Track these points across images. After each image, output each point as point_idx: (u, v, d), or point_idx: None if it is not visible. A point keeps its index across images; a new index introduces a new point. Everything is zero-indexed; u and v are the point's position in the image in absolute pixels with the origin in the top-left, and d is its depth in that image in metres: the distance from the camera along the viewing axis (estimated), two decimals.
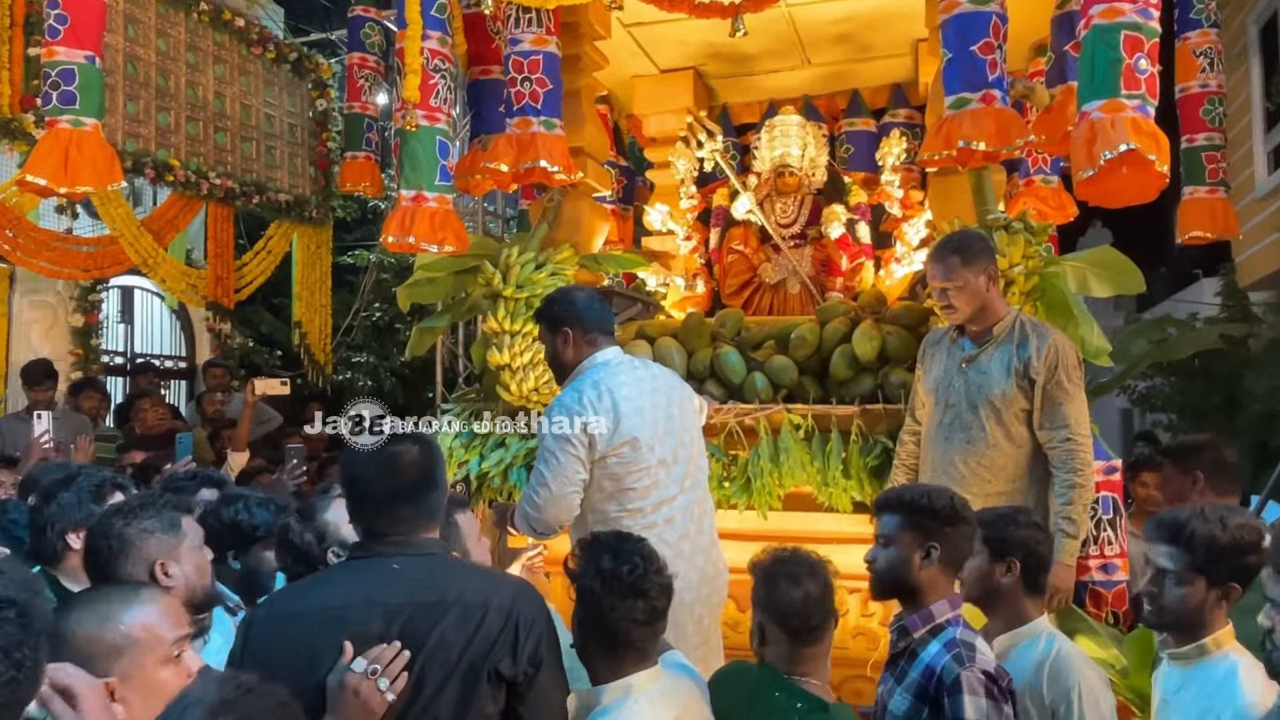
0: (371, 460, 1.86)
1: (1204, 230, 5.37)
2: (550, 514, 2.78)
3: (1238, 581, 1.97)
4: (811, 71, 5.65)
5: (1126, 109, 3.16)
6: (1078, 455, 2.93)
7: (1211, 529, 1.97)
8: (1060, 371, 2.96)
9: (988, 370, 3.03)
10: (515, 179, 4.28)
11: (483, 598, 1.76)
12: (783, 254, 5.13)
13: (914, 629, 2.14)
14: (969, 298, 3.03)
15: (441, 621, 1.71)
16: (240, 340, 8.46)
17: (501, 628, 1.73)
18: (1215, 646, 1.98)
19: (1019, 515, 2.43)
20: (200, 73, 6.87)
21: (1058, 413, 2.96)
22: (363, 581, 1.78)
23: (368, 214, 10.15)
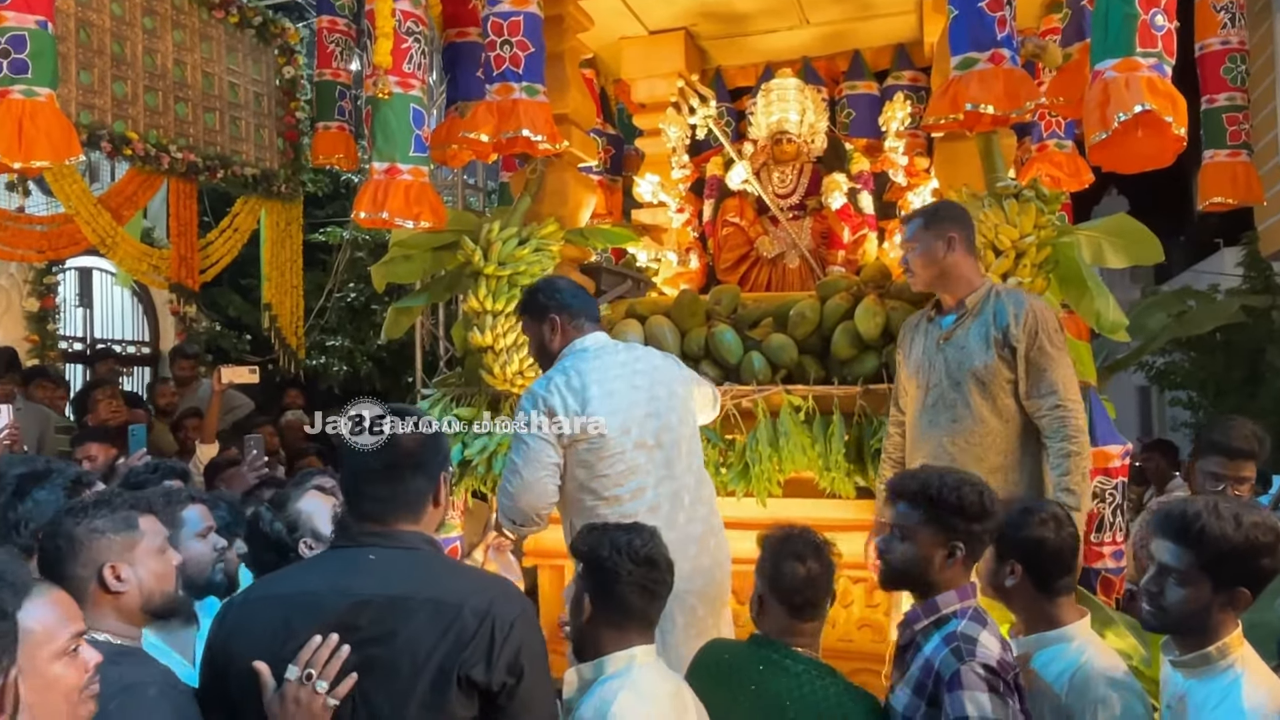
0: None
1: (1226, 196, 5.36)
2: (525, 501, 2.81)
3: (1247, 586, 1.93)
4: (810, 31, 5.60)
5: (1142, 68, 3.14)
6: (1070, 421, 2.93)
7: (1224, 527, 1.91)
8: (1041, 336, 2.96)
9: (965, 344, 3.05)
10: (496, 149, 4.23)
11: (458, 597, 1.74)
12: (781, 226, 5.11)
13: (916, 621, 2.17)
14: (925, 262, 3.11)
15: (411, 617, 1.71)
16: (206, 324, 8.43)
17: (476, 630, 1.70)
18: (1220, 656, 1.95)
19: (1027, 514, 2.35)
20: (158, 39, 6.79)
21: (1043, 379, 2.96)
22: (337, 570, 1.80)
23: (340, 188, 10.09)
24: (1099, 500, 3.40)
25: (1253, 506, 2.03)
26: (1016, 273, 3.45)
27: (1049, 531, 2.31)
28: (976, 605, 2.17)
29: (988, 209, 3.49)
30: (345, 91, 5.73)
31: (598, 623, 2.15)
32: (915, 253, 3.13)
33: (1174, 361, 10.02)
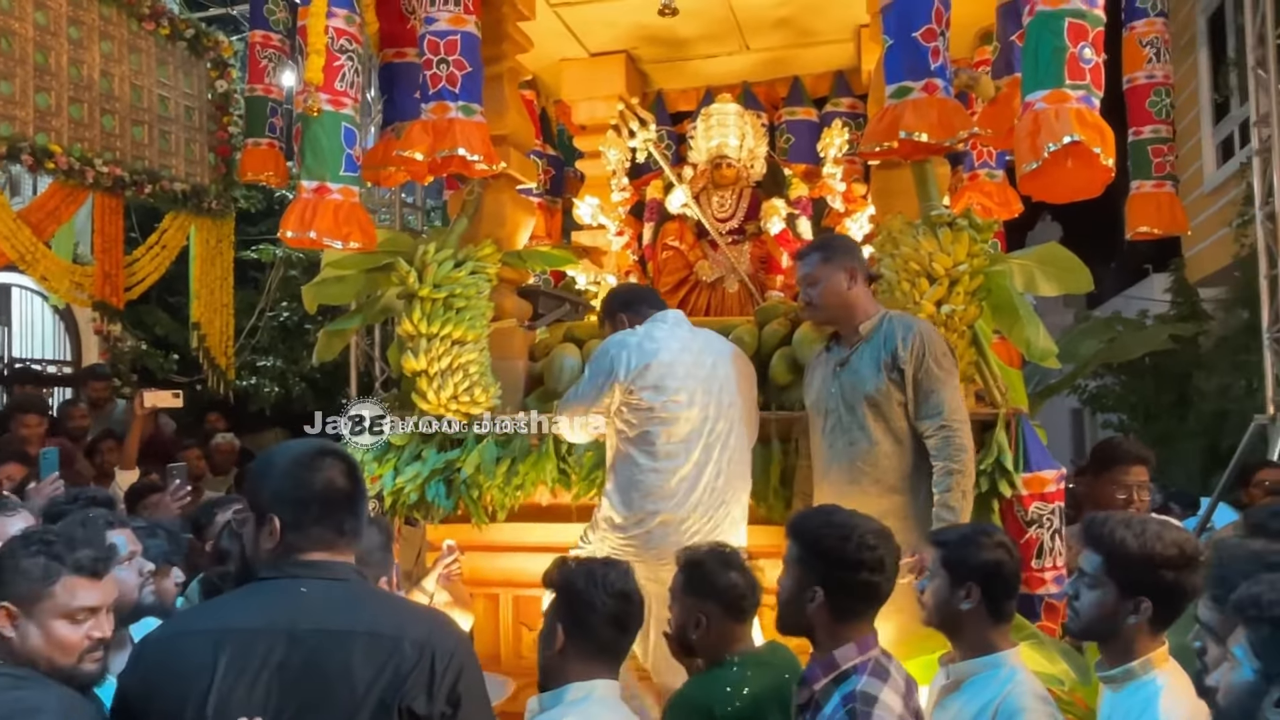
0: (298, 471, 1.83)
1: (1151, 225, 5.51)
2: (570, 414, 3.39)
3: (1150, 596, 2.00)
4: (750, 57, 5.67)
5: (1071, 99, 3.22)
6: (954, 441, 3.00)
7: (1124, 535, 2.02)
8: (929, 359, 3.04)
9: (859, 369, 3.12)
10: (431, 169, 4.19)
11: (396, 629, 1.73)
12: (720, 250, 5.14)
13: (814, 680, 2.14)
14: (827, 295, 3.17)
15: (350, 652, 1.68)
16: (132, 343, 8.20)
17: (416, 661, 1.69)
18: (1143, 670, 2.00)
19: (982, 535, 2.37)
20: (84, 50, 6.63)
21: (929, 400, 3.03)
22: (268, 604, 1.75)
23: (274, 205, 9.92)
24: (1036, 525, 3.45)
25: (1168, 524, 2.11)
26: (950, 300, 3.50)
27: (1004, 554, 2.34)
28: (878, 657, 2.15)
29: (922, 236, 3.54)
30: (277, 108, 5.64)
31: (568, 654, 2.15)
32: (818, 287, 3.17)
33: (1106, 385, 10.27)
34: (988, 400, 3.69)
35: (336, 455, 1.87)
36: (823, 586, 2.16)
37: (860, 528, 2.20)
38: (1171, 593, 1.98)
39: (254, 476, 1.90)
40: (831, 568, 2.16)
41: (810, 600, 2.16)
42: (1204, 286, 9.58)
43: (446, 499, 3.86)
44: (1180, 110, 9.10)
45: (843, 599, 2.17)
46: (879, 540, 2.20)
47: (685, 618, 2.46)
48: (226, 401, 7.79)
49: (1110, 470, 3.72)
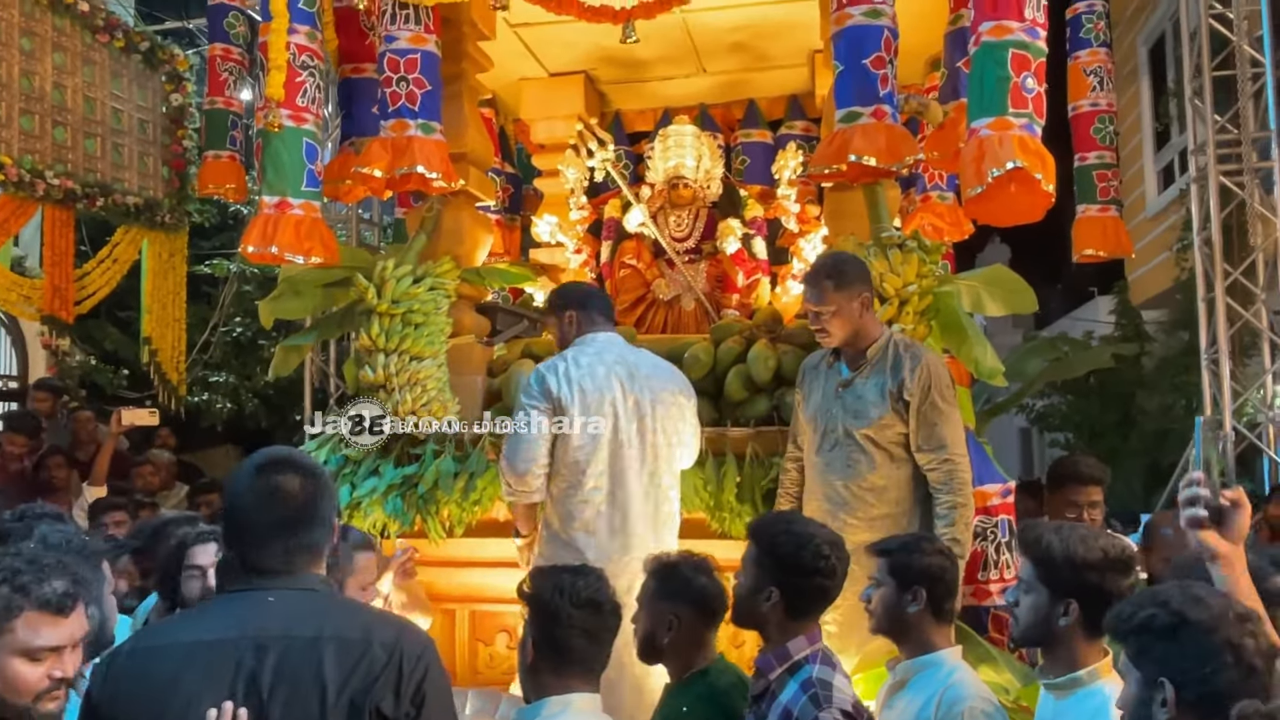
0: (252, 488, 1.83)
1: (1097, 248, 5.70)
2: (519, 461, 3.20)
3: (1076, 598, 2.09)
4: (707, 80, 5.78)
5: (1014, 127, 3.35)
6: (956, 475, 3.08)
7: (1051, 539, 2.13)
8: (934, 392, 3.09)
9: (863, 394, 3.16)
10: (390, 185, 4.23)
11: (364, 633, 1.76)
12: (677, 269, 5.22)
13: (768, 669, 2.27)
14: (842, 322, 3.14)
15: (319, 657, 1.71)
16: (81, 358, 8.09)
17: (385, 664, 1.73)
18: (1090, 679, 2.08)
19: (923, 542, 2.52)
20: (37, 61, 6.57)
21: (934, 433, 3.09)
22: (236, 615, 1.77)
23: (228, 219, 9.86)
24: (981, 539, 3.55)
25: (1096, 532, 2.23)
26: (900, 320, 3.60)
27: (946, 559, 2.51)
28: (825, 648, 2.31)
29: (873, 258, 3.64)
30: (237, 121, 5.64)
31: (539, 668, 2.17)
32: (831, 315, 3.13)
33: (1052, 404, 10.51)
34: None
35: (291, 465, 1.86)
36: (778, 588, 2.30)
37: (816, 536, 2.34)
38: (1098, 595, 2.06)
39: (225, 491, 1.92)
40: (787, 572, 2.30)
41: (766, 599, 2.31)
42: (1147, 309, 9.86)
43: (404, 514, 3.87)
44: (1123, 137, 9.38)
45: (796, 600, 2.31)
46: (832, 549, 2.34)
47: (656, 622, 2.51)
48: (178, 417, 7.70)
49: (1064, 488, 3.83)
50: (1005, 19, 3.38)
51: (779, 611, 2.30)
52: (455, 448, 3.94)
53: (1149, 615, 1.60)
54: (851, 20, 3.64)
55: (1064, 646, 2.12)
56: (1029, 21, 3.40)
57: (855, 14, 3.63)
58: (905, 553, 2.46)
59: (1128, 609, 1.66)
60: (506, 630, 3.96)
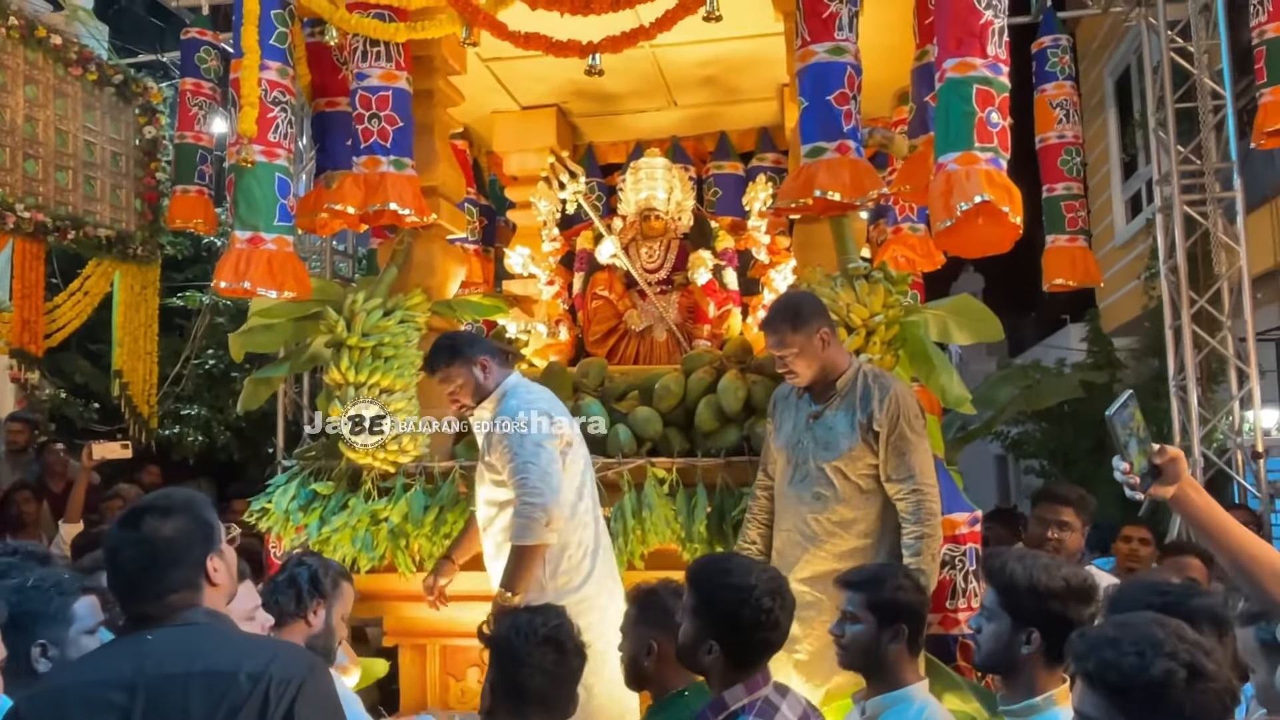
0: (118, 539, 1.85)
1: (1066, 278, 5.80)
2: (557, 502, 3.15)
3: (1038, 627, 2.12)
4: (678, 113, 5.85)
5: (980, 161, 3.42)
6: (924, 505, 3.10)
7: (1016, 567, 2.15)
8: (903, 422, 3.11)
9: (833, 426, 3.17)
10: (363, 220, 4.27)
11: (233, 665, 1.75)
12: (649, 300, 5.26)
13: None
14: (807, 361, 3.15)
15: (187, 693, 1.72)
16: (50, 391, 8.02)
17: (249, 693, 1.71)
18: (1045, 706, 2.11)
19: (898, 575, 2.49)
20: (8, 94, 6.56)
21: (903, 463, 3.11)
22: (113, 657, 1.82)
23: (201, 251, 9.84)
24: (949, 567, 3.57)
25: (1061, 562, 2.25)
26: (867, 349, 3.64)
27: (921, 593, 2.53)
28: (767, 695, 2.23)
29: (840, 289, 3.69)
30: (207, 155, 5.65)
31: (496, 711, 2.14)
32: (795, 356, 3.15)
33: (1027, 432, 10.58)
34: None
35: (156, 509, 1.87)
36: (718, 641, 2.23)
37: (757, 589, 2.24)
38: (1059, 624, 2.08)
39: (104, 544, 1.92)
40: (725, 630, 2.24)
41: (707, 652, 2.25)
42: (1118, 336, 9.97)
43: (373, 548, 3.86)
44: (1092, 167, 9.55)
45: (738, 652, 2.24)
46: (774, 600, 2.25)
47: (638, 647, 2.50)
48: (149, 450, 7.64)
49: (1038, 505, 3.90)
50: (968, 55, 3.45)
51: (720, 664, 2.24)
52: (425, 481, 3.95)
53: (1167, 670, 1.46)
54: (815, 58, 3.71)
55: (1024, 674, 2.14)
56: (991, 58, 3.47)
57: (819, 51, 3.71)
58: (883, 588, 2.43)
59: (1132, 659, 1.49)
60: (478, 665, 3.94)
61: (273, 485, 4.11)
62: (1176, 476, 1.88)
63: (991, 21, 3.46)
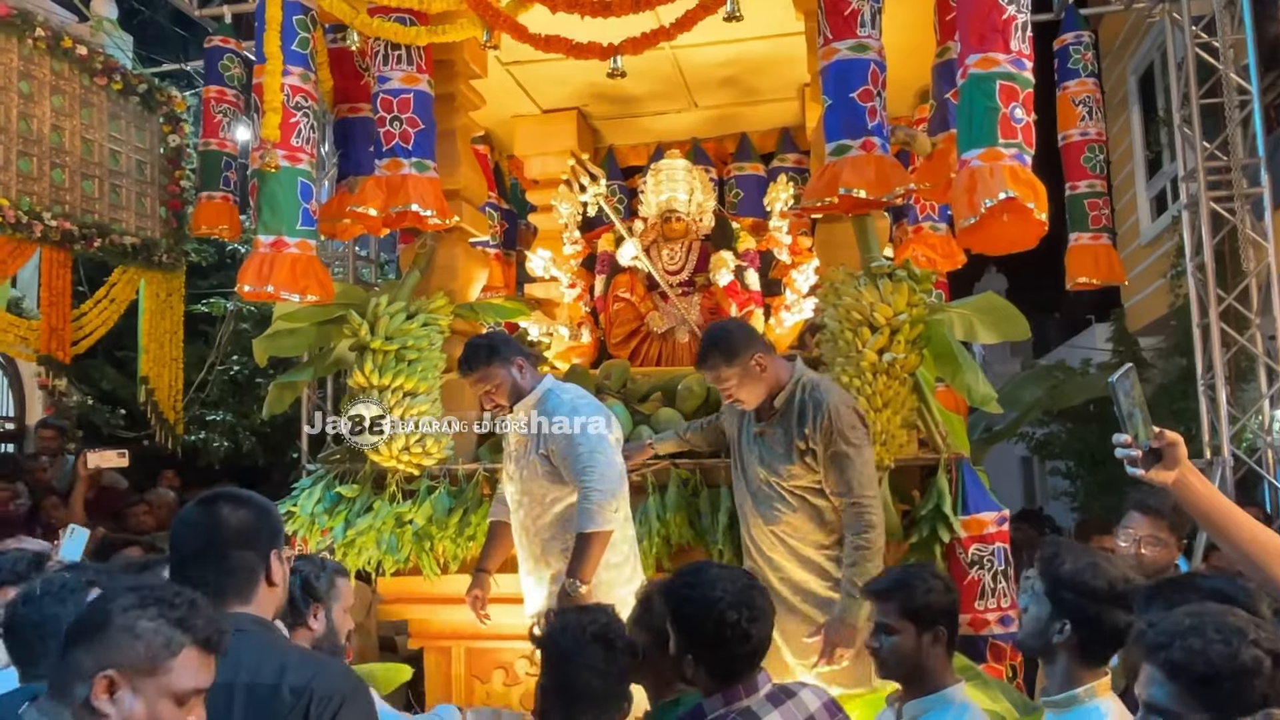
0: (188, 520, 1.86)
1: (1090, 276, 5.74)
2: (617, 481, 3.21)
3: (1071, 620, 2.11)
4: (699, 114, 5.84)
5: (1004, 157, 3.39)
6: (863, 517, 3.11)
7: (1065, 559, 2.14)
8: (838, 437, 3.14)
9: (774, 447, 3.25)
10: (385, 223, 4.28)
11: (275, 677, 1.75)
12: (670, 302, 5.25)
13: None
14: (750, 388, 3.22)
15: (230, 704, 1.71)
16: (78, 398, 8.09)
17: (292, 706, 1.71)
18: (1087, 697, 2.09)
19: (926, 578, 2.44)
20: (35, 104, 6.63)
21: (842, 479, 3.14)
22: None
23: (225, 258, 9.90)
24: (978, 567, 3.55)
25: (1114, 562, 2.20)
26: (892, 348, 3.61)
27: (952, 592, 2.47)
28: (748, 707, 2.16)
29: (864, 287, 3.67)
30: (231, 162, 5.69)
31: (549, 714, 2.13)
32: (737, 386, 3.21)
33: (1052, 433, 10.49)
34: (930, 445, 3.81)
35: (233, 497, 1.87)
36: (692, 654, 2.19)
37: (721, 601, 2.17)
38: (1094, 624, 2.07)
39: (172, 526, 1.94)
40: (697, 643, 2.19)
41: (689, 665, 2.20)
42: (1143, 335, 9.87)
43: (398, 550, 3.87)
44: (1116, 165, 9.47)
45: (715, 664, 2.19)
46: (739, 612, 2.17)
47: None
48: (174, 456, 7.70)
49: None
50: (991, 51, 3.42)
51: (702, 675, 2.19)
52: (449, 483, 3.95)
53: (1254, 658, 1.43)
54: (838, 55, 3.69)
55: (1059, 662, 2.13)
56: (1015, 53, 3.44)
57: (841, 48, 3.69)
58: (912, 593, 2.38)
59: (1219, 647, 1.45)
60: (503, 667, 3.94)
61: (298, 488, 4.12)
62: (1176, 461, 1.86)
63: (1015, 17, 3.44)
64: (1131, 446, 1.88)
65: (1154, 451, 1.87)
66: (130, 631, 1.49)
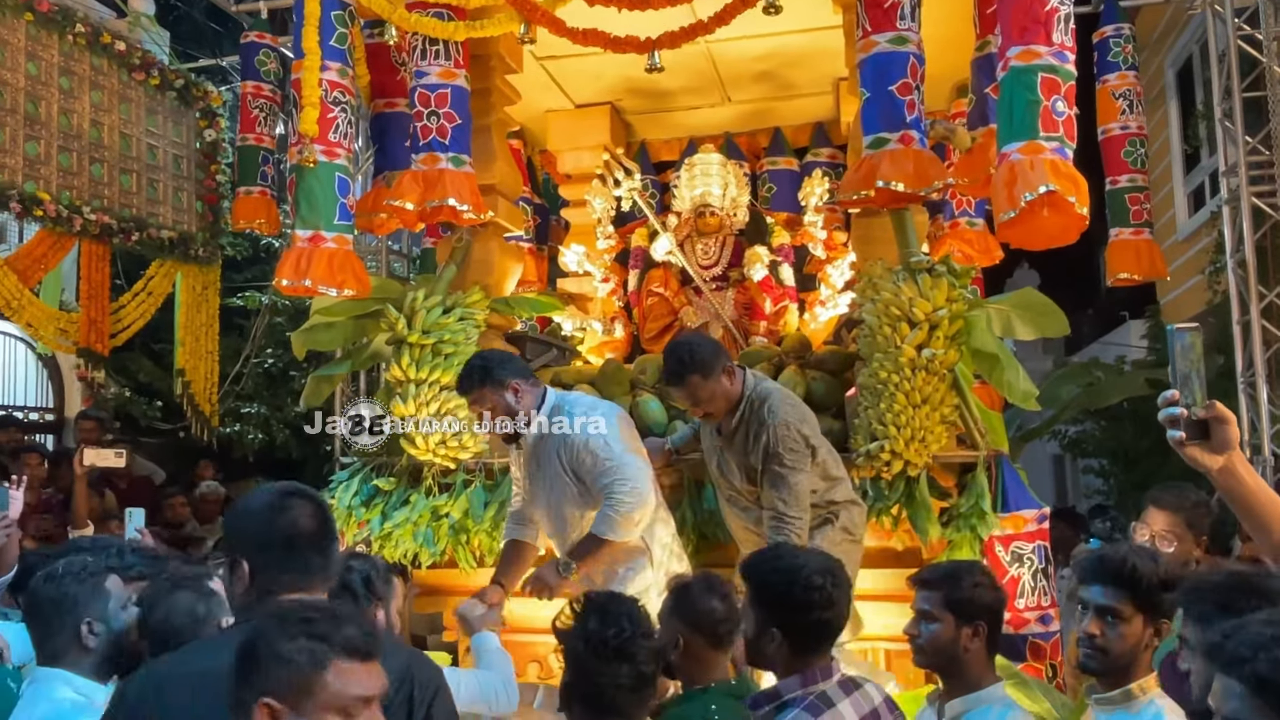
0: (265, 513, 1.86)
1: (1131, 271, 5.67)
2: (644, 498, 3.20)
3: (1167, 618, 2.09)
4: (732, 109, 5.81)
5: (1045, 151, 3.34)
6: (782, 531, 3.13)
7: (1149, 564, 2.09)
8: (774, 462, 3.17)
9: (732, 461, 3.33)
10: (422, 218, 4.29)
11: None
12: (704, 297, 5.23)
13: (757, 708, 2.20)
14: (721, 401, 3.25)
15: None
16: (115, 390, 8.19)
17: (398, 688, 1.76)
18: (1140, 692, 2.07)
19: (975, 572, 2.43)
20: (75, 99, 6.71)
21: (773, 494, 3.17)
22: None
23: (260, 252, 9.99)
24: (1018, 565, 3.51)
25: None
26: (930, 344, 3.58)
27: (999, 591, 2.44)
28: (824, 691, 2.16)
29: (902, 283, 3.63)
30: (269, 156, 5.73)
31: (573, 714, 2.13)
32: (708, 402, 3.23)
33: (1085, 431, 10.36)
34: (969, 442, 3.77)
35: (303, 496, 1.90)
36: (778, 628, 2.19)
37: (806, 568, 2.21)
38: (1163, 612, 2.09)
39: (228, 522, 1.97)
40: (781, 614, 2.19)
41: (770, 641, 2.20)
42: None
43: (434, 544, 3.88)
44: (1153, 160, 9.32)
45: (798, 636, 2.20)
46: (824, 577, 2.20)
47: (666, 639, 2.47)
48: (210, 448, 7.78)
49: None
50: (1033, 44, 3.38)
51: (784, 651, 2.19)
52: (485, 477, 3.96)
53: None
54: (877, 47, 3.66)
55: (1135, 663, 2.10)
56: (1057, 45, 3.39)
57: (881, 41, 3.65)
58: (962, 586, 2.36)
59: None
60: (538, 660, 3.94)
61: (335, 481, 4.15)
62: (1226, 444, 1.69)
63: (1057, 8, 3.39)
64: (1179, 405, 1.71)
65: (1200, 424, 1.71)
66: (278, 658, 1.52)
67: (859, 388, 3.78)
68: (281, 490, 1.90)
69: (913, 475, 3.59)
